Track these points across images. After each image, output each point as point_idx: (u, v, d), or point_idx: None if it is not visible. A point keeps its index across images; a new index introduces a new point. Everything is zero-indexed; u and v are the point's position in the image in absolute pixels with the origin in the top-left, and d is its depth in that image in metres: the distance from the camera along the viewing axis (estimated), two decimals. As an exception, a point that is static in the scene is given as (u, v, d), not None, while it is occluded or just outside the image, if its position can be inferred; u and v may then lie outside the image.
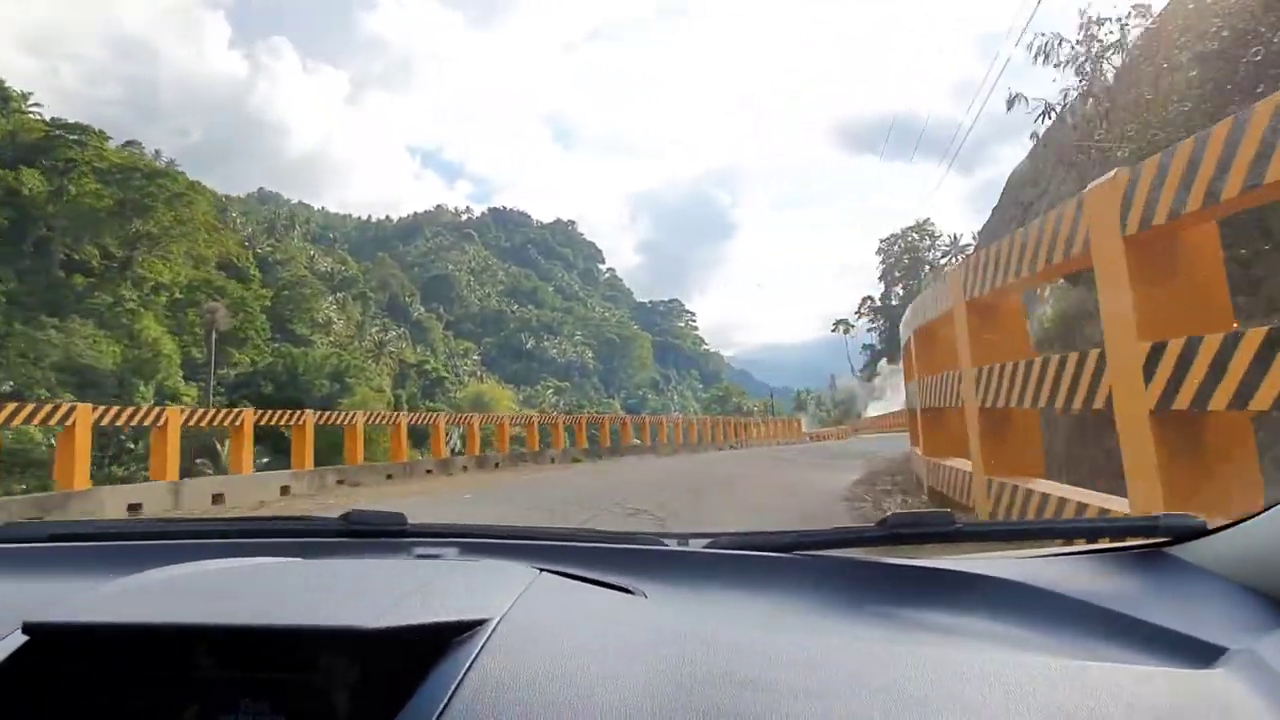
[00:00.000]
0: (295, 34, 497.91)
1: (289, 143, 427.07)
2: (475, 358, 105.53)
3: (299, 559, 1.03)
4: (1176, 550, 0.99)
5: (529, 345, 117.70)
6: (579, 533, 1.28)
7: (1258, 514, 0.89)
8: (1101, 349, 3.12)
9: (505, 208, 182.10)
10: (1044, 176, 40.49)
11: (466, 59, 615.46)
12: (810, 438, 28.97)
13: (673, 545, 1.13)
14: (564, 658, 0.67)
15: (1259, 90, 5.27)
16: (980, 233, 55.78)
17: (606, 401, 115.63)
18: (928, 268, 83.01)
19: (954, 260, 77.11)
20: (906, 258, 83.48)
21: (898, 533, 1.04)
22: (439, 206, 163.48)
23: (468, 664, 0.65)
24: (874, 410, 63.78)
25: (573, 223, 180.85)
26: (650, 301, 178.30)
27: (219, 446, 31.94)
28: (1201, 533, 0.97)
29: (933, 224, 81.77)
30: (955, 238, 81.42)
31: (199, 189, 57.74)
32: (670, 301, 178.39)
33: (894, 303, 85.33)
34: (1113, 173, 3.00)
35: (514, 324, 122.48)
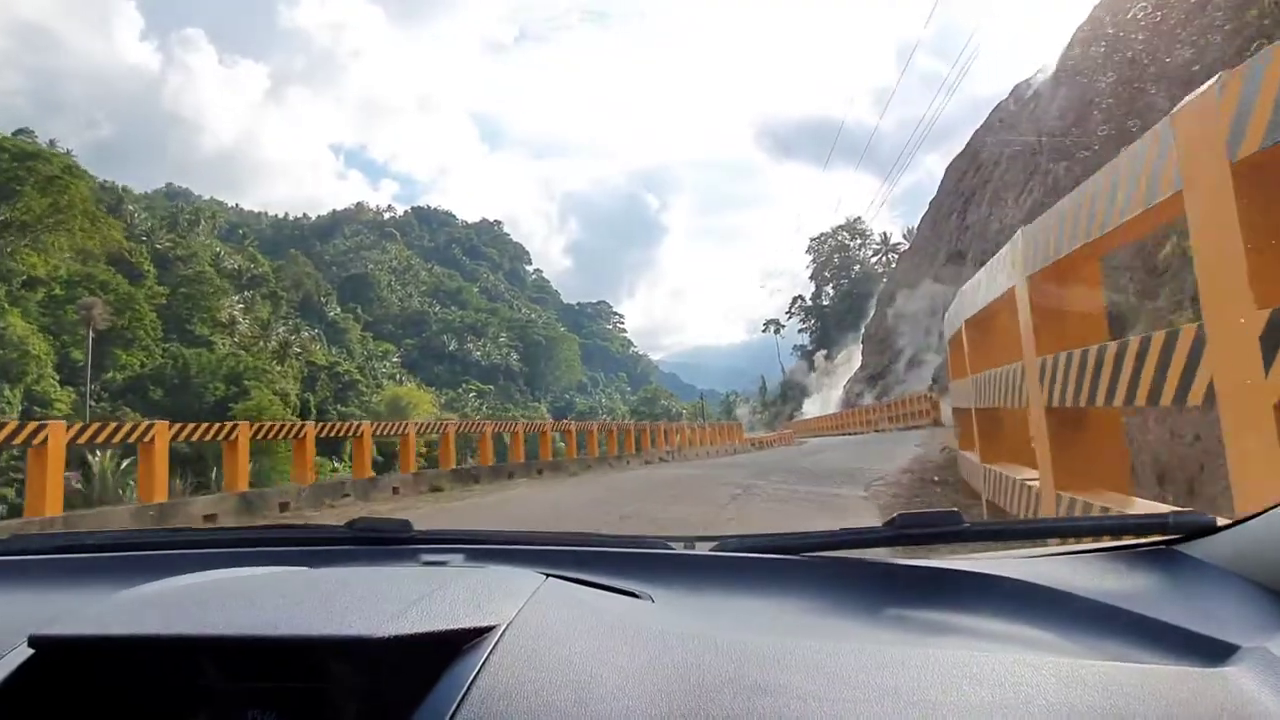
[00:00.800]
0: (212, 27, 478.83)
1: (204, 139, 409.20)
2: (395, 360, 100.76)
3: (305, 568, 1.02)
4: (1186, 547, 0.97)
5: (452, 347, 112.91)
6: (585, 537, 1.23)
7: (1267, 510, 0.88)
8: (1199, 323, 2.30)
9: (429, 207, 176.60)
10: (985, 165, 37.73)
11: (391, 57, 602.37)
12: (753, 444, 25.97)
13: (679, 549, 1.14)
14: (572, 663, 0.67)
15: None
16: (917, 227, 54.39)
17: (533, 405, 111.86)
18: (858, 267, 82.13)
19: (886, 259, 77.45)
20: (837, 257, 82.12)
21: (906, 533, 1.04)
22: (359, 204, 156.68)
23: (476, 670, 0.65)
24: (812, 409, 61.64)
25: (499, 223, 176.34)
26: (578, 304, 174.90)
27: (90, 458, 27.30)
28: (1211, 529, 0.96)
29: (863, 223, 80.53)
30: (886, 236, 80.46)
31: (77, 172, 52.33)
32: (598, 303, 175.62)
33: (825, 303, 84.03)
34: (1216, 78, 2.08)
35: (436, 325, 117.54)
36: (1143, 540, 1.03)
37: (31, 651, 0.73)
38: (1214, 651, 0.72)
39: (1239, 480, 2.15)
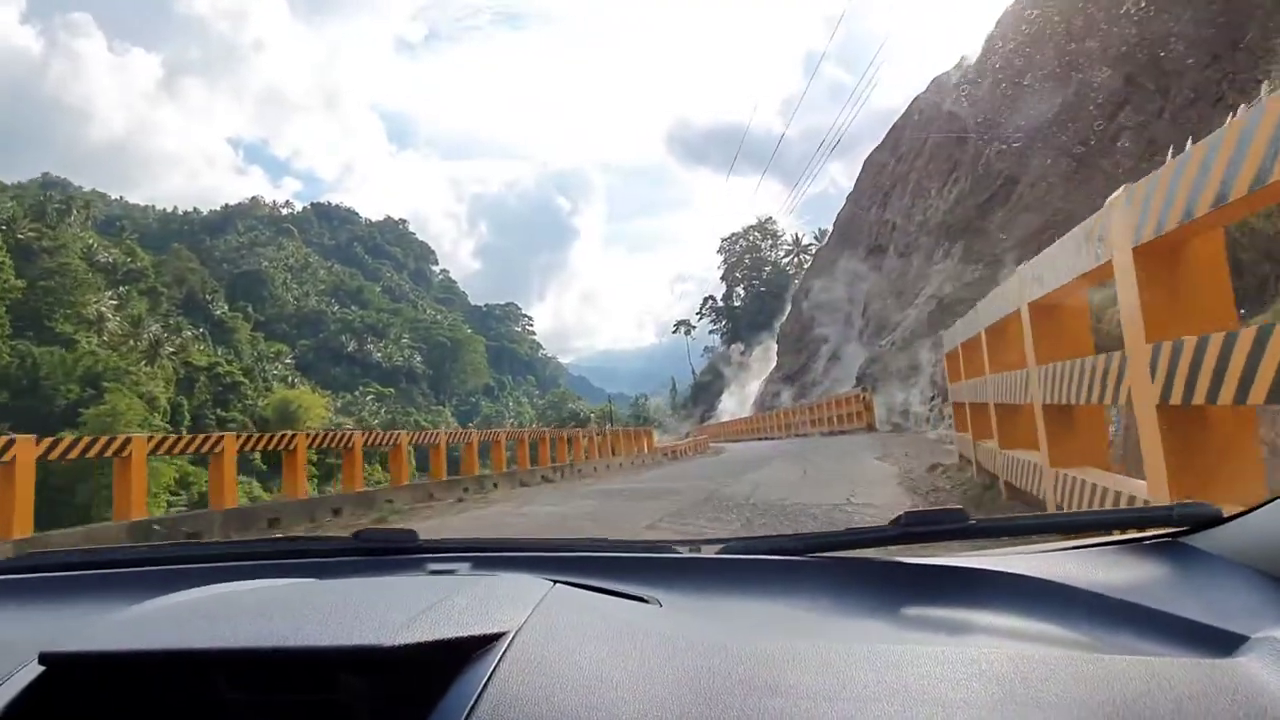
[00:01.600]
0: (100, 11, 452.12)
1: (91, 129, 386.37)
2: (289, 361, 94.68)
3: (313, 579, 1.01)
4: (1193, 539, 0.97)
5: (351, 348, 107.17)
6: (591, 543, 1.22)
7: (1272, 500, 0.88)
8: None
9: (330, 203, 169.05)
10: (906, 156, 35.53)
11: (295, 51, 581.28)
12: (667, 454, 22.68)
13: (685, 552, 1.14)
14: (582, 669, 0.67)
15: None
16: (835, 221, 52.48)
17: (436, 409, 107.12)
18: (769, 267, 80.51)
19: (798, 260, 76.22)
20: (749, 258, 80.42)
21: (912, 531, 1.04)
22: (254, 199, 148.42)
23: (485, 679, 0.65)
24: (725, 411, 59.06)
25: (404, 221, 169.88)
26: (486, 305, 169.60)
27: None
28: (1217, 520, 0.96)
29: (774, 223, 78.87)
30: (798, 237, 79.12)
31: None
32: (507, 305, 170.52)
33: (736, 303, 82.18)
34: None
35: (335, 325, 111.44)
36: (1149, 533, 1.02)
37: (43, 669, 0.72)
38: (1223, 642, 0.72)
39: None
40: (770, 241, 78.47)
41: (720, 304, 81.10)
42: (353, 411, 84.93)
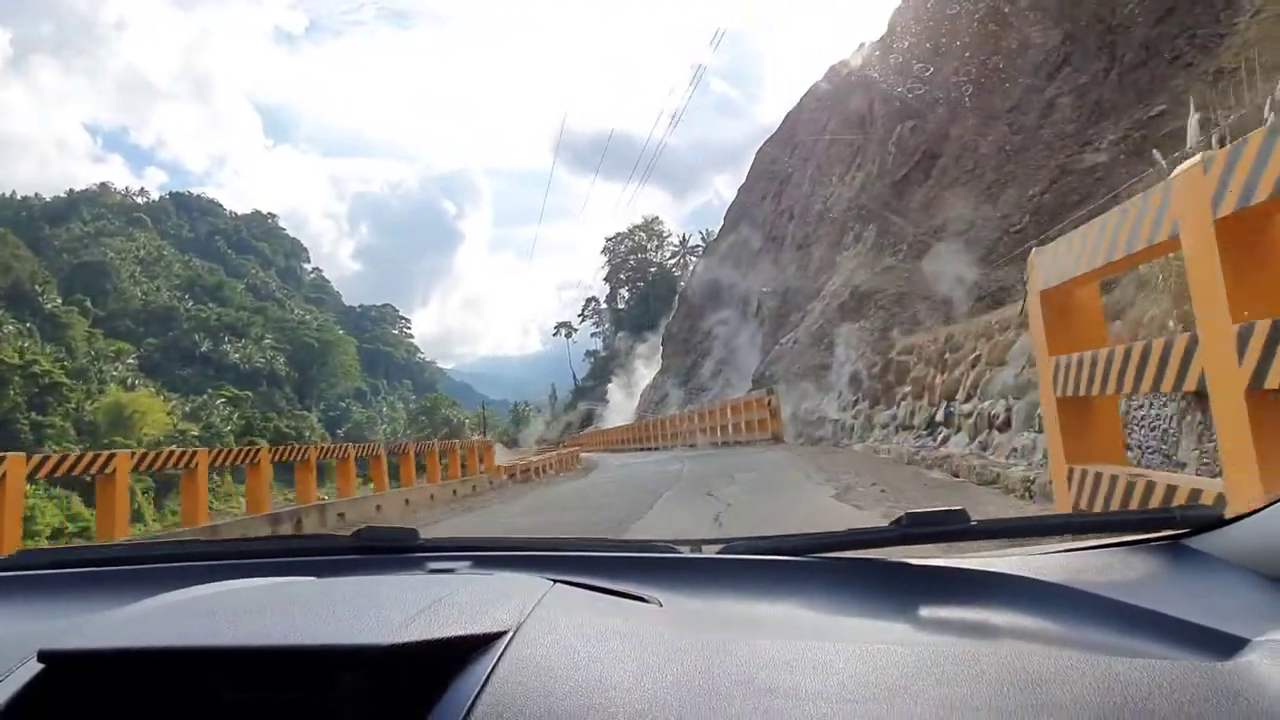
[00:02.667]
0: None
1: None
2: (131, 361, 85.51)
3: (312, 578, 1.01)
4: (1194, 541, 0.97)
5: (205, 348, 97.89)
6: (592, 542, 1.22)
7: (1273, 503, 0.88)
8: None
9: (191, 193, 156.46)
10: (802, 146, 32.30)
11: (164, 36, 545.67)
12: (512, 474, 18.32)
13: (686, 552, 1.13)
14: (581, 669, 0.66)
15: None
16: (725, 215, 49.23)
17: (300, 414, 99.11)
18: (655, 269, 77.19)
19: (684, 261, 73.41)
20: (634, 259, 77.00)
21: (913, 532, 1.03)
22: (104, 185, 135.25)
23: (485, 677, 0.64)
24: (607, 418, 54.92)
25: (274, 216, 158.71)
26: (361, 306, 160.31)
27: None
28: (1219, 523, 0.95)
29: (660, 223, 75.65)
30: (684, 238, 76.13)
31: None
32: (383, 306, 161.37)
33: (621, 306, 78.59)
34: None
35: (188, 323, 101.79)
36: (1150, 535, 1.02)
37: (41, 666, 0.72)
38: (1224, 645, 0.71)
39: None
40: (656, 242, 75.27)
41: (604, 306, 77.29)
42: (200, 417, 76.72)
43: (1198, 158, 2.72)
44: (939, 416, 12.52)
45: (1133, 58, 17.16)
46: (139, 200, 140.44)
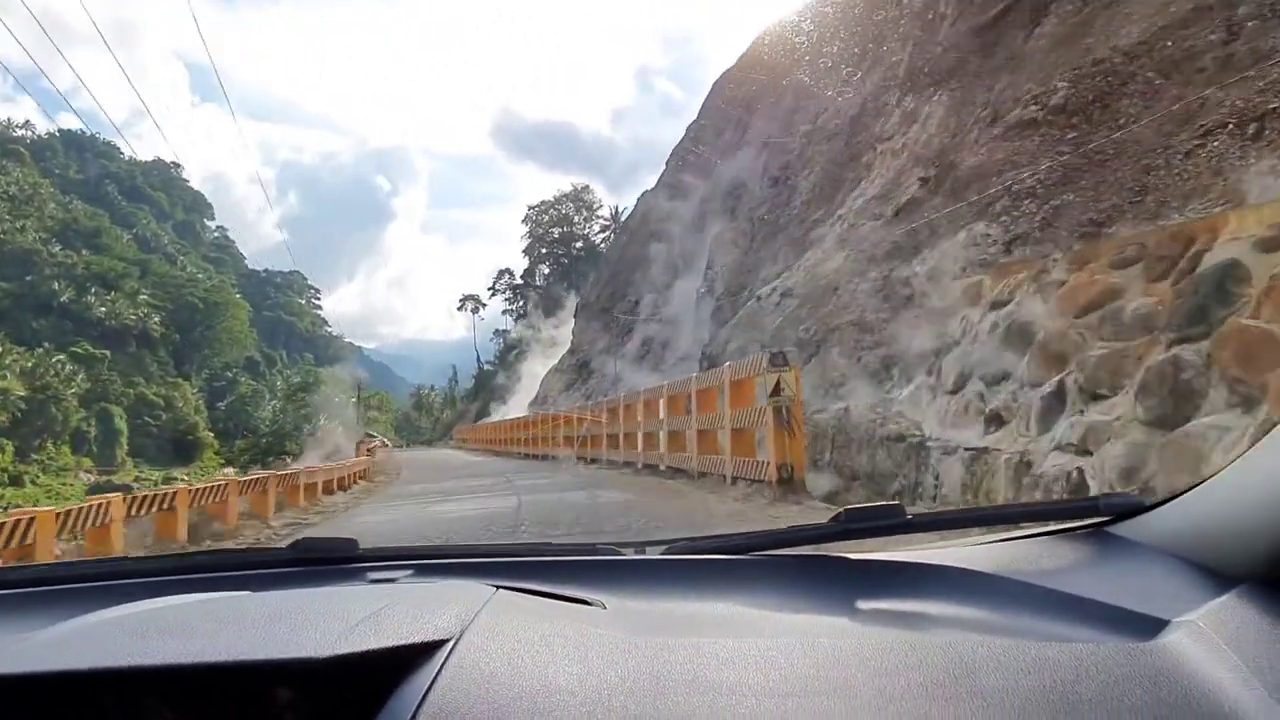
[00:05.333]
0: None
1: None
2: (-32, 306, 71.76)
3: (246, 592, 0.97)
4: (1117, 528, 0.98)
5: (65, 298, 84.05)
6: (535, 547, 1.22)
7: (1190, 489, 0.90)
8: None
9: (85, 133, 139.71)
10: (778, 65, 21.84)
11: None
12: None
13: (629, 554, 1.13)
14: (525, 674, 0.65)
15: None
16: (665, 162, 38.63)
17: (174, 381, 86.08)
18: (580, 243, 67.21)
19: (616, 236, 63.59)
20: (558, 230, 66.81)
21: (852, 527, 1.03)
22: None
23: (426, 687, 0.63)
24: (508, 407, 44.48)
25: (177, 165, 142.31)
26: (266, 271, 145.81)
27: None
28: (1140, 509, 0.97)
29: (591, 192, 65.57)
30: (616, 210, 65.92)
31: None
32: (290, 273, 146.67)
33: (538, 281, 68.53)
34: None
35: (50, 269, 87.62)
36: (1076, 523, 1.03)
37: None
38: (1146, 627, 0.72)
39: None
40: (585, 214, 65.08)
41: (520, 281, 66.81)
42: (38, 375, 63.77)
43: None
44: None
45: None
46: (21, 133, 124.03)
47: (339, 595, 0.94)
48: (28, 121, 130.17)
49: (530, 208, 67.70)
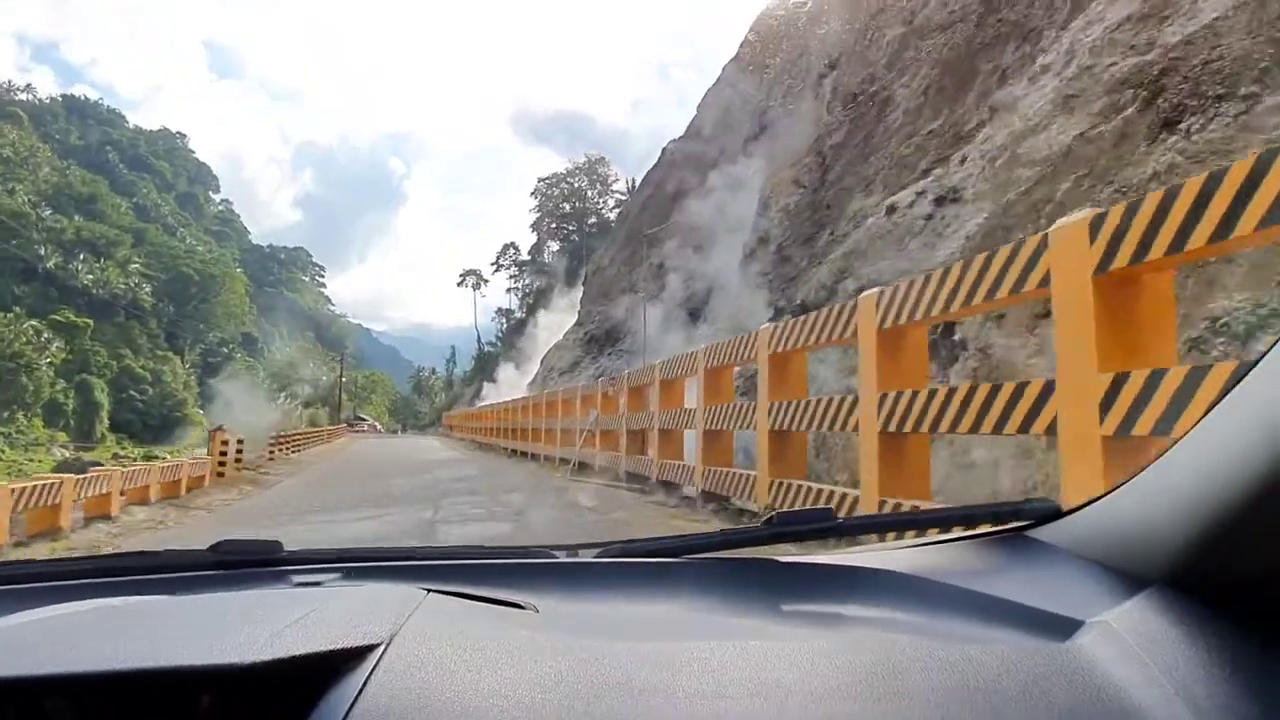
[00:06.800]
0: None
1: None
2: (-55, 268, 67.08)
3: (165, 596, 0.94)
4: (1036, 533, 0.99)
5: (51, 263, 79.35)
6: (467, 550, 1.20)
7: (1103, 496, 0.91)
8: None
9: (89, 99, 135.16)
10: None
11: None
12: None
13: (562, 557, 1.11)
14: (455, 679, 0.64)
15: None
16: (698, 107, 33.81)
17: (163, 354, 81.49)
18: (594, 219, 61.76)
19: (631, 196, 57.96)
20: (569, 204, 61.74)
21: (784, 531, 1.04)
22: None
23: (355, 693, 0.61)
24: (504, 388, 39.18)
25: (183, 135, 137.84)
26: (270, 246, 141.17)
27: None
28: (1057, 515, 0.98)
29: (607, 164, 60.27)
30: (633, 183, 60.90)
31: None
32: (295, 249, 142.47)
33: (546, 258, 63.19)
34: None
35: (39, 233, 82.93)
36: (999, 528, 1.04)
37: None
38: (1061, 628, 0.74)
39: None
40: (600, 188, 59.81)
41: (527, 257, 61.67)
42: (6, 342, 59.03)
43: None
44: None
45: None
46: (22, 97, 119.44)
47: (264, 598, 0.90)
48: (29, 85, 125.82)
49: (541, 179, 62.63)
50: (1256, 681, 0.62)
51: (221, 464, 14.04)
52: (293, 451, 24.16)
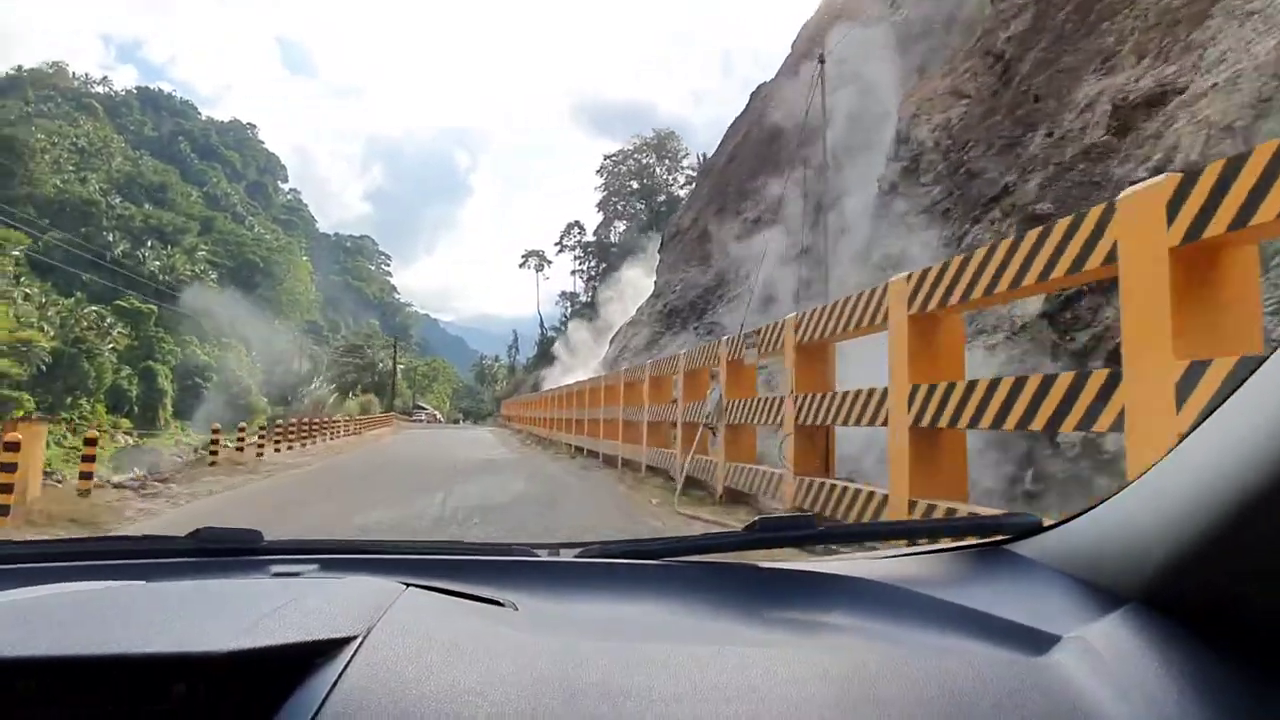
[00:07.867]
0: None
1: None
2: (16, 253, 66.59)
3: (141, 582, 0.92)
4: (1016, 547, 0.99)
5: (119, 250, 78.91)
6: (447, 545, 1.18)
7: (1085, 512, 0.91)
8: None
9: (163, 91, 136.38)
10: None
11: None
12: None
13: (543, 556, 1.11)
14: (433, 675, 0.64)
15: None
16: (794, 43, 30.11)
17: (227, 342, 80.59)
18: (663, 197, 57.76)
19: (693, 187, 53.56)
20: (636, 182, 57.93)
21: (764, 536, 1.04)
22: (57, 66, 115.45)
23: (330, 686, 0.61)
24: (570, 372, 35.60)
25: (252, 126, 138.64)
26: (336, 234, 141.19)
27: None
28: (1037, 529, 0.98)
29: (677, 139, 56.19)
30: (704, 158, 57.04)
31: None
32: (361, 237, 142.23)
33: (613, 239, 59.49)
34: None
35: (109, 221, 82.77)
36: (979, 541, 1.04)
37: None
38: (1039, 642, 0.74)
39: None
40: (669, 164, 55.88)
41: (592, 237, 58.13)
42: (70, 326, 58.02)
43: None
44: None
45: None
46: (98, 89, 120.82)
47: (241, 588, 0.90)
48: (105, 78, 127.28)
49: (606, 157, 59.13)
50: (1227, 701, 0.61)
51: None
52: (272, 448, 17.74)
